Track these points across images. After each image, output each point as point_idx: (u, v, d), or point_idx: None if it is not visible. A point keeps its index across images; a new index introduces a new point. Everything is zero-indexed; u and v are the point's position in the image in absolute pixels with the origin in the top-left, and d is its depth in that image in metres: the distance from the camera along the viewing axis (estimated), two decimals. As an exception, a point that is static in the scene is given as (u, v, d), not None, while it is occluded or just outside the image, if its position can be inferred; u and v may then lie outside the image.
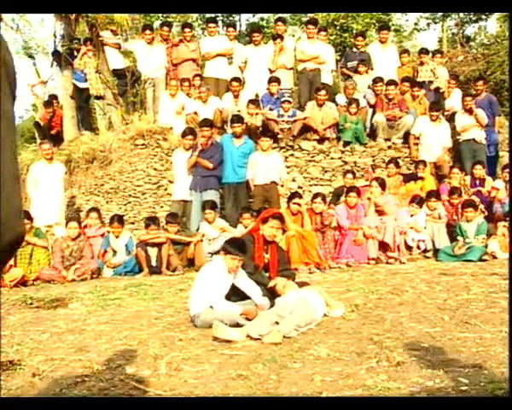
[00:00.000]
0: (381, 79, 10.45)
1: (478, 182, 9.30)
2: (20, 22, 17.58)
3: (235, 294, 5.40)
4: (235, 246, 5.36)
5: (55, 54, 12.39)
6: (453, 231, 8.34)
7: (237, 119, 9.24)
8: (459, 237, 8.12)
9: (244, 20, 20.65)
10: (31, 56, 18.80)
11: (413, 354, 4.11)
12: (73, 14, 10.93)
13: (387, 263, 7.95)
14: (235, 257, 5.30)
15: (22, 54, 19.20)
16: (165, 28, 11.53)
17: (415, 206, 8.56)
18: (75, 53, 11.33)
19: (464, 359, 3.96)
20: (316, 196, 8.51)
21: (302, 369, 3.92)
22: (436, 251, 8.31)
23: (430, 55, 11.56)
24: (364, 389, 3.50)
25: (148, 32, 11.16)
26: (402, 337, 4.54)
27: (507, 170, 8.93)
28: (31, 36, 18.93)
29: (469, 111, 10.09)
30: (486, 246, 7.88)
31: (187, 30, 11.28)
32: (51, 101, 11.59)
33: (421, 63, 11.42)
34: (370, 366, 3.92)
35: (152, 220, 8.31)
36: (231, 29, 11.67)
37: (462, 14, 19.85)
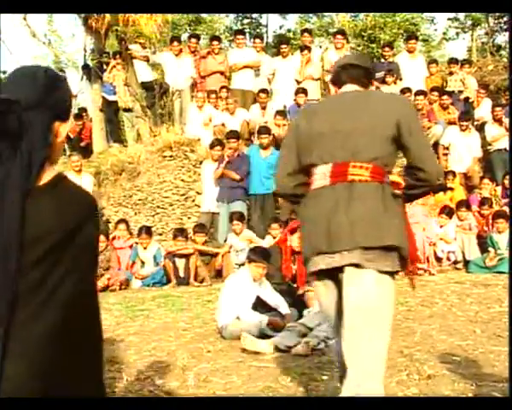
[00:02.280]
0: (408, 90, 10.36)
1: (509, 192, 9.15)
2: (51, 37, 17.89)
3: (261, 305, 5.39)
4: (258, 254, 5.36)
5: (85, 68, 12.59)
6: (484, 243, 8.21)
7: (264, 130, 9.25)
8: (490, 249, 7.99)
9: (271, 31, 20.74)
10: (61, 70, 18.98)
11: (444, 367, 4.05)
12: (103, 29, 11.09)
13: (416, 274, 7.84)
14: (259, 265, 5.30)
15: (53, 68, 19.55)
16: (193, 40, 11.62)
17: (444, 217, 8.45)
18: (104, 66, 11.48)
19: (498, 373, 3.89)
20: (343, 206, 8.45)
21: (331, 382, 3.88)
22: (466, 263, 8.19)
23: (459, 64, 11.46)
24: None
25: (175, 43, 11.26)
26: (432, 350, 4.48)
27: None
28: (61, 50, 19.24)
29: (499, 121, 9.96)
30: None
31: (215, 42, 11.36)
32: (81, 114, 11.75)
33: (451, 73, 11.31)
34: (401, 378, 3.87)
35: (180, 232, 8.34)
36: (258, 40, 11.71)
37: (492, 23, 19.63)
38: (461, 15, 20.19)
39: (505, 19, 19.25)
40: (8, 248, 1.41)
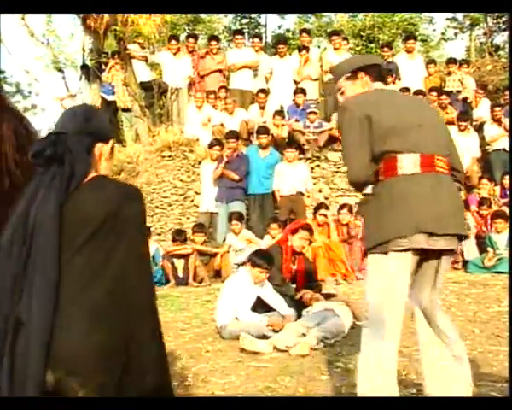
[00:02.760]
0: (407, 89, 10.36)
1: (508, 192, 9.15)
2: (50, 37, 17.90)
3: (261, 306, 5.38)
4: (263, 259, 5.35)
5: (84, 68, 12.58)
6: (482, 243, 8.21)
7: (263, 130, 9.26)
8: (489, 249, 8.00)
9: (270, 31, 20.76)
10: (60, 70, 19.09)
11: (443, 367, 4.04)
12: (101, 29, 11.08)
13: (416, 275, 7.84)
14: (263, 270, 5.30)
15: (52, 68, 19.53)
16: (191, 40, 11.63)
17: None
18: (103, 66, 11.48)
19: (496, 373, 3.89)
20: (342, 206, 8.46)
21: (329, 381, 3.89)
22: (465, 263, 8.19)
23: (457, 64, 11.47)
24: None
25: (173, 42, 11.26)
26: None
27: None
28: (60, 50, 19.24)
29: (498, 121, 9.97)
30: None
31: (213, 42, 11.35)
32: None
33: (449, 73, 11.32)
34: (400, 379, 3.86)
35: (178, 234, 8.34)
36: (257, 40, 11.71)
37: (490, 23, 19.64)
38: (459, 16, 20.19)
39: (504, 19, 19.27)
40: (47, 236, 1.77)
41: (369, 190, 2.92)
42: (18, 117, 2.14)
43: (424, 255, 2.84)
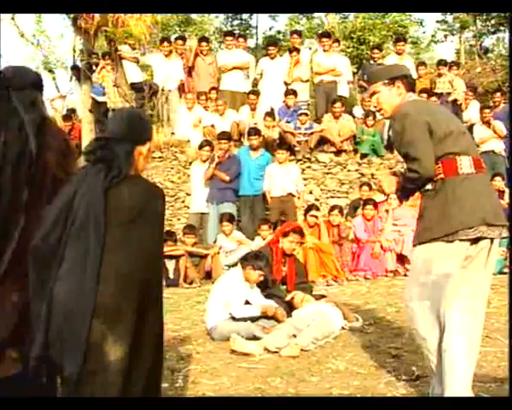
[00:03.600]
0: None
1: (497, 194, 9.20)
2: (40, 38, 17.81)
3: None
4: (260, 261, 5.36)
5: (74, 68, 12.53)
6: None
7: (254, 131, 9.26)
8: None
9: (261, 33, 20.76)
10: (50, 71, 19.01)
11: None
12: (92, 29, 11.05)
13: (405, 275, 7.86)
14: (262, 273, 5.31)
15: (42, 69, 19.44)
16: (180, 42, 11.63)
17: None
18: (94, 67, 11.44)
19: (486, 373, 3.91)
20: (333, 208, 8.48)
21: (320, 382, 3.90)
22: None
23: (448, 66, 11.53)
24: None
25: (165, 44, 11.25)
26: (421, 351, 4.49)
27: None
28: (50, 51, 19.16)
29: (487, 123, 10.03)
30: (506, 259, 7.80)
31: (204, 44, 11.35)
32: (70, 114, 11.71)
33: (439, 75, 11.38)
34: (389, 380, 3.89)
35: (168, 235, 8.34)
36: (241, 40, 11.71)
37: (479, 26, 19.77)
38: (449, 18, 20.32)
39: (492, 22, 19.42)
40: (98, 219, 2.31)
41: (429, 186, 3.31)
42: (62, 134, 2.81)
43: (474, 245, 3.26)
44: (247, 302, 5.35)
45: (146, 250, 2.40)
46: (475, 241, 3.23)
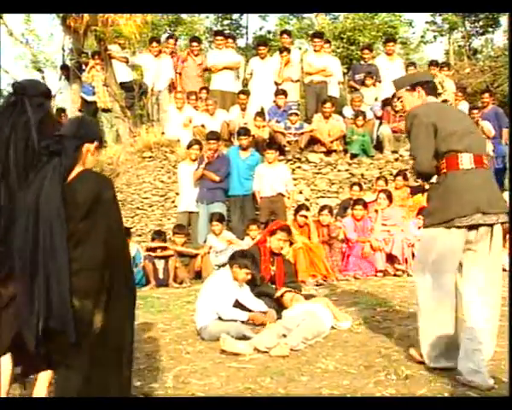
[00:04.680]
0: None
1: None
2: (29, 37, 17.69)
3: (240, 308, 5.38)
4: (251, 260, 5.37)
5: (64, 68, 12.47)
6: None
7: (244, 131, 9.26)
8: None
9: (251, 33, 20.79)
10: (39, 70, 18.88)
11: (421, 367, 4.08)
12: (82, 29, 11.01)
13: (395, 275, 7.91)
14: (248, 271, 5.31)
15: (31, 68, 19.33)
16: (171, 41, 11.63)
17: (421, 218, 8.51)
18: (83, 67, 11.40)
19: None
20: (323, 208, 8.50)
21: (310, 382, 3.90)
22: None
23: (439, 67, 11.57)
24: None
25: (154, 44, 11.25)
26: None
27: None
28: (39, 50, 19.02)
29: (476, 123, 10.06)
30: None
31: (194, 44, 11.34)
32: (59, 114, 11.62)
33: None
34: (378, 379, 3.90)
35: (158, 234, 8.34)
36: (230, 40, 11.71)
37: (468, 27, 19.87)
38: (438, 19, 20.41)
39: (481, 23, 19.54)
40: (53, 217, 2.72)
41: (434, 179, 3.94)
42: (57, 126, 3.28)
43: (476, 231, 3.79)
44: (237, 301, 5.36)
45: (106, 239, 2.85)
46: (475, 227, 3.76)
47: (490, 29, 19.89)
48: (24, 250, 2.75)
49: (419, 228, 8.48)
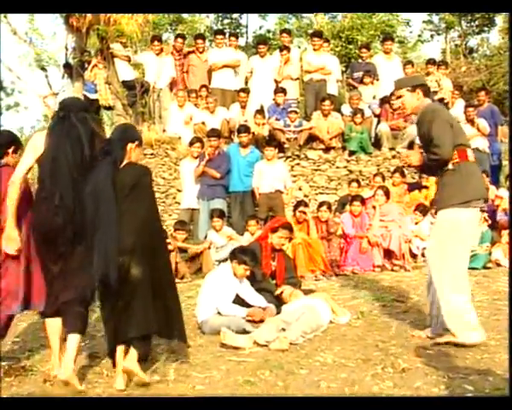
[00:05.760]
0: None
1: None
2: (32, 36, 17.68)
3: (240, 303, 5.38)
4: (250, 256, 5.37)
5: (67, 66, 12.44)
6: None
7: (244, 129, 9.25)
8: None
9: (251, 32, 20.77)
10: (43, 68, 18.88)
11: (418, 360, 4.10)
12: (84, 28, 10.98)
13: (392, 270, 7.91)
14: (247, 267, 5.31)
15: (35, 66, 19.33)
16: (180, 40, 11.61)
17: (418, 214, 8.53)
18: (86, 65, 11.37)
19: (469, 365, 3.94)
20: (321, 204, 8.49)
21: (308, 375, 3.91)
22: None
23: (436, 65, 11.56)
24: (370, 395, 3.48)
25: (156, 42, 11.22)
26: (407, 344, 4.52)
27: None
28: (43, 49, 19.01)
29: (471, 121, 10.06)
30: (490, 254, 7.85)
31: (199, 41, 11.35)
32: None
33: (428, 73, 11.40)
34: (376, 372, 3.91)
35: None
36: (233, 38, 11.69)
37: (464, 26, 19.86)
38: (435, 18, 20.41)
39: (477, 23, 19.53)
40: (107, 198, 3.69)
41: (450, 166, 4.43)
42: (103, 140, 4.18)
43: None
44: (238, 296, 5.36)
45: (142, 213, 3.82)
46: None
47: (485, 28, 19.90)
48: (89, 222, 3.70)
49: (415, 224, 8.50)
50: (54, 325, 3.98)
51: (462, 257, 4.47)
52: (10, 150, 4.32)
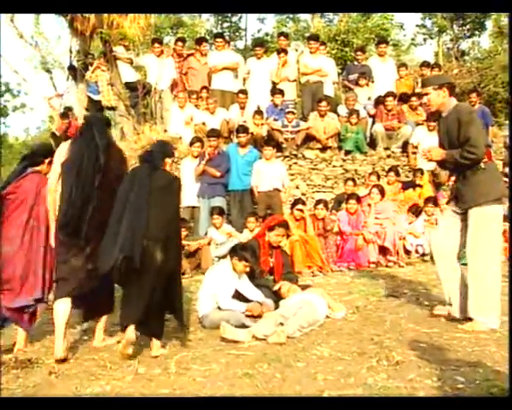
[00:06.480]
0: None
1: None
2: (38, 39, 17.68)
3: (239, 298, 5.38)
4: (250, 253, 5.37)
5: (71, 68, 12.42)
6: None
7: (242, 129, 9.24)
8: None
9: (250, 35, 20.74)
10: (48, 71, 18.89)
11: (412, 353, 4.10)
12: (88, 31, 10.96)
13: (387, 267, 7.91)
14: (247, 264, 5.31)
15: (40, 69, 19.33)
16: (180, 43, 11.62)
17: (411, 215, 8.52)
18: (89, 67, 11.36)
19: (461, 358, 3.95)
20: (318, 202, 8.49)
21: (305, 368, 3.91)
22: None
23: (430, 68, 11.55)
24: (365, 387, 3.48)
25: (156, 45, 11.23)
26: (401, 338, 4.52)
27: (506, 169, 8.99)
28: (48, 52, 19.01)
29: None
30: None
31: (203, 44, 11.39)
32: (67, 112, 11.60)
33: (422, 76, 11.40)
34: (371, 365, 3.91)
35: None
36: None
37: (456, 30, 19.88)
38: (428, 22, 20.43)
39: (468, 27, 19.56)
40: (143, 195, 4.28)
41: (482, 165, 4.62)
42: (119, 151, 4.82)
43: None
44: (237, 292, 5.35)
45: (169, 212, 4.39)
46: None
47: (476, 32, 19.92)
48: (121, 206, 4.24)
49: (409, 223, 8.49)
50: (62, 310, 4.33)
51: (499, 248, 4.87)
52: (47, 160, 4.93)
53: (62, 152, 4.54)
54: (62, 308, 4.32)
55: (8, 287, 4.61)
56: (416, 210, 8.54)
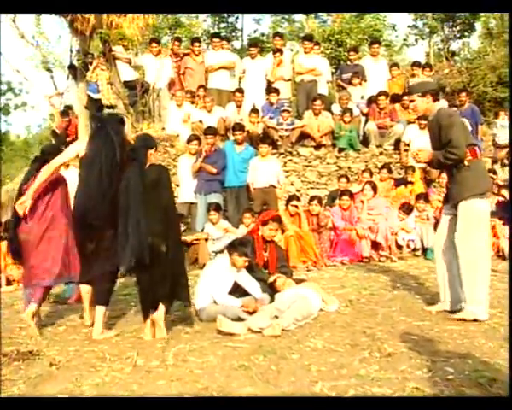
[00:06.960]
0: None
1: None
2: (39, 39, 17.59)
3: (237, 291, 5.38)
4: (246, 247, 5.36)
5: (71, 67, 12.37)
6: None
7: (239, 127, 9.23)
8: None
9: (246, 35, 20.68)
10: (49, 70, 18.77)
11: (403, 345, 4.10)
12: (88, 31, 10.91)
13: (379, 261, 7.93)
14: (247, 259, 5.31)
15: (41, 68, 19.22)
16: (176, 43, 11.62)
17: (402, 213, 8.53)
18: (89, 66, 11.31)
19: (451, 349, 3.96)
20: (312, 198, 8.49)
21: (300, 360, 3.91)
22: (424, 250, 8.28)
23: (421, 68, 11.56)
24: (357, 378, 3.49)
25: (154, 44, 11.23)
26: (393, 330, 4.53)
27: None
28: (49, 51, 18.91)
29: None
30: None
31: (196, 44, 11.34)
32: (67, 111, 11.57)
33: (413, 75, 11.40)
34: (363, 356, 3.91)
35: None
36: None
37: (447, 31, 19.90)
38: (419, 23, 20.42)
39: (458, 28, 19.57)
40: (137, 192, 4.43)
41: (466, 163, 4.75)
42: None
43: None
44: (235, 284, 5.34)
45: (164, 203, 4.57)
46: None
47: (466, 33, 19.94)
48: (122, 211, 4.39)
49: (401, 221, 8.50)
50: (87, 289, 4.98)
51: (487, 240, 4.88)
52: None
53: (80, 147, 4.82)
54: (87, 289, 4.99)
55: (29, 269, 4.99)
56: (407, 208, 8.55)
